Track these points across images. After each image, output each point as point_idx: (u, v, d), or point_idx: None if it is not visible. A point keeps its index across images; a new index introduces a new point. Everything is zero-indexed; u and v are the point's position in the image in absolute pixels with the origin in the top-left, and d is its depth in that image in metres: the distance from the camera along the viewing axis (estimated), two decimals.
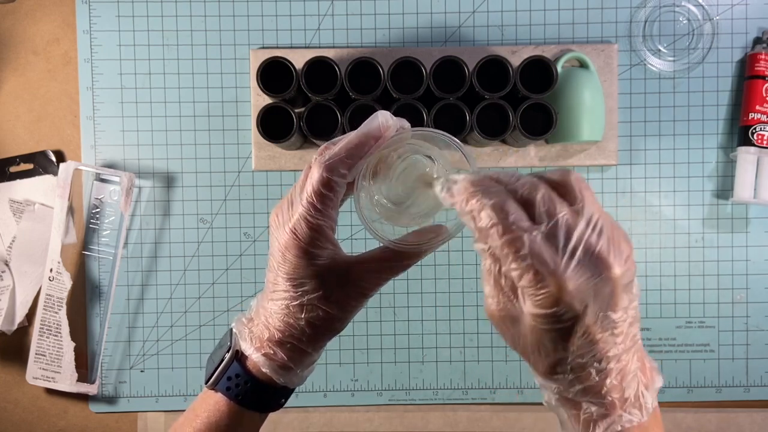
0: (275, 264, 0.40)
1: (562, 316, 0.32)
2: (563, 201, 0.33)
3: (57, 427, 0.74)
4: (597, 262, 0.31)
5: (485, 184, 0.33)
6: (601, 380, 0.33)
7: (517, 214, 0.32)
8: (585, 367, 0.33)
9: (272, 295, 0.41)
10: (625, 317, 0.33)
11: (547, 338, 0.33)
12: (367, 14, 0.72)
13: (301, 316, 0.40)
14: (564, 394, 0.35)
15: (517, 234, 0.31)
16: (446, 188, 0.34)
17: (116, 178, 0.71)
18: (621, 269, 0.32)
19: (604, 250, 0.31)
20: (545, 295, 0.31)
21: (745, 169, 0.70)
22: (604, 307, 0.32)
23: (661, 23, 0.72)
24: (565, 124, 0.67)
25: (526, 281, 0.31)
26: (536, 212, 0.32)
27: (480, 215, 0.32)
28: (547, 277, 0.31)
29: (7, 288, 0.72)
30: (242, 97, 0.72)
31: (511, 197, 0.32)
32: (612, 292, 0.32)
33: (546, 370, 0.35)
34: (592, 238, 0.31)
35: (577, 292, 0.31)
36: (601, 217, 0.32)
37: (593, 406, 0.34)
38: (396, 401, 0.74)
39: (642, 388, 0.34)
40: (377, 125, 0.38)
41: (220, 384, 0.42)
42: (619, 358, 0.33)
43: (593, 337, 0.32)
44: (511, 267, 0.32)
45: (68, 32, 0.73)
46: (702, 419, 0.73)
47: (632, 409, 0.34)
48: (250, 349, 0.41)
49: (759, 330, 0.73)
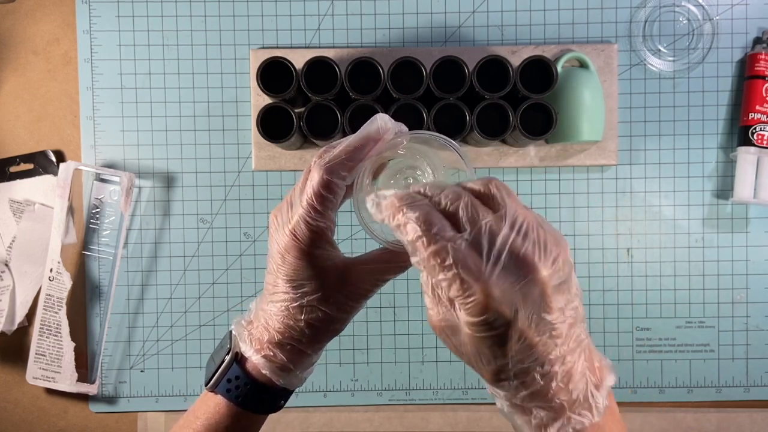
0: (275, 266, 0.40)
1: (493, 323, 0.31)
2: (486, 208, 0.33)
3: (57, 427, 0.74)
4: (522, 265, 0.31)
5: (410, 197, 0.33)
6: (546, 384, 0.33)
7: (440, 225, 0.32)
8: (528, 371, 0.33)
9: (272, 297, 0.41)
10: (562, 318, 0.32)
11: (484, 346, 0.33)
12: (367, 14, 0.72)
13: (300, 318, 0.40)
14: (513, 401, 0.34)
15: (441, 244, 0.31)
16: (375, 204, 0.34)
17: (116, 178, 0.71)
18: (548, 270, 0.31)
19: (529, 253, 0.31)
20: (473, 303, 0.31)
21: (745, 169, 0.70)
22: (536, 310, 0.32)
23: (661, 23, 0.72)
24: (565, 124, 0.67)
25: (454, 291, 0.31)
26: (460, 221, 0.32)
27: (406, 228, 0.32)
28: (473, 285, 0.31)
29: (7, 288, 0.72)
30: (242, 97, 0.72)
31: (434, 209, 0.33)
32: (542, 294, 0.31)
33: (491, 378, 0.34)
34: (516, 242, 0.31)
35: (504, 297, 0.31)
36: (526, 220, 0.32)
37: (542, 411, 0.33)
38: (396, 401, 0.74)
39: (591, 388, 0.34)
40: (376, 128, 0.38)
41: (220, 386, 0.42)
42: (563, 360, 0.33)
43: (530, 341, 0.32)
44: (439, 278, 0.32)
45: (68, 32, 0.73)
46: (702, 419, 0.73)
47: (582, 411, 0.33)
48: (250, 351, 0.41)
49: (759, 330, 0.73)
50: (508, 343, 0.32)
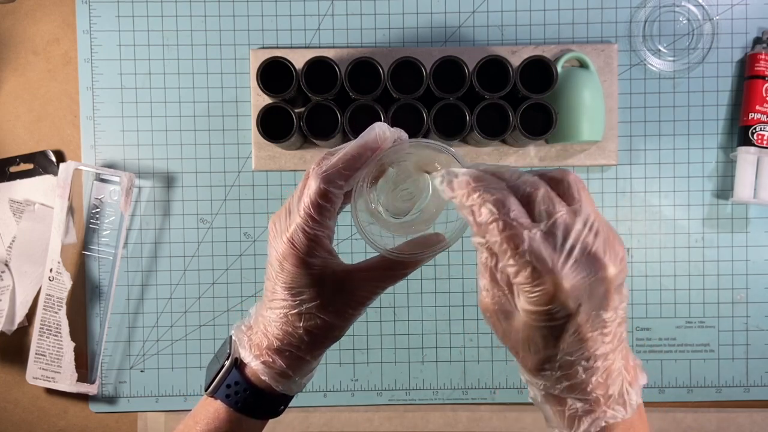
0: (273, 273, 0.40)
1: (555, 314, 0.32)
2: (562, 201, 0.33)
3: (57, 427, 0.74)
4: (593, 262, 0.32)
5: (486, 179, 0.33)
6: (587, 377, 0.34)
7: (517, 211, 0.32)
8: (573, 364, 0.34)
9: (270, 303, 0.41)
10: (614, 317, 0.33)
11: (538, 335, 0.33)
12: (367, 14, 0.72)
13: (299, 325, 0.40)
14: (550, 391, 0.35)
15: (517, 230, 0.31)
16: (447, 181, 0.34)
17: (116, 178, 0.71)
18: (616, 270, 0.32)
19: (600, 251, 0.32)
20: (541, 293, 0.31)
21: (745, 169, 0.70)
22: (596, 307, 0.32)
23: (661, 23, 0.72)
24: (565, 124, 0.67)
25: (522, 278, 0.32)
26: (536, 210, 0.32)
27: (481, 210, 0.32)
28: (544, 275, 0.31)
29: (7, 288, 0.72)
30: (242, 97, 0.72)
31: (512, 194, 0.33)
32: (605, 292, 0.32)
33: (534, 367, 0.35)
34: (589, 238, 0.32)
35: (573, 291, 0.31)
36: (597, 218, 0.32)
37: (578, 403, 0.34)
38: (396, 401, 0.74)
39: (626, 386, 0.35)
40: (374, 136, 0.38)
41: (220, 391, 0.42)
42: (606, 356, 0.34)
43: (583, 336, 0.33)
44: (508, 263, 0.32)
45: (68, 32, 0.73)
46: (702, 419, 0.73)
47: (616, 406, 0.34)
48: (249, 357, 0.41)
49: (759, 330, 0.73)
50: (564, 335, 0.33)
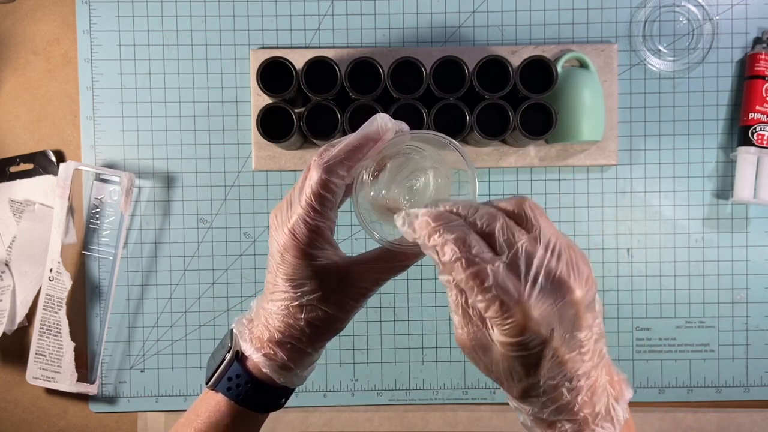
0: (274, 265, 0.40)
1: (530, 343, 0.32)
2: (521, 229, 0.33)
3: (57, 427, 0.74)
4: (559, 286, 0.32)
5: (445, 217, 0.33)
6: (572, 398, 0.34)
7: (479, 247, 0.32)
8: (557, 387, 0.34)
9: (272, 296, 0.41)
10: (590, 335, 0.33)
11: (518, 364, 0.33)
12: (367, 14, 0.72)
13: (300, 317, 0.40)
14: (538, 416, 0.35)
15: (480, 266, 0.32)
16: (407, 223, 0.34)
17: (116, 178, 0.71)
18: (582, 291, 0.32)
19: (565, 274, 0.32)
20: (512, 324, 0.32)
21: (745, 169, 0.70)
22: (569, 329, 0.32)
23: (661, 23, 0.72)
24: (565, 124, 0.67)
25: (492, 312, 0.32)
26: (497, 243, 0.32)
27: (443, 249, 0.32)
28: (512, 307, 0.31)
29: (7, 288, 0.72)
30: (242, 97, 0.72)
31: (470, 230, 0.33)
32: (576, 314, 0.32)
33: (520, 394, 0.35)
34: (552, 264, 0.32)
35: (543, 318, 0.31)
36: (558, 241, 0.33)
37: (567, 424, 0.34)
38: (396, 401, 0.74)
39: (612, 401, 0.35)
40: (376, 128, 0.38)
41: (221, 384, 0.42)
42: (588, 374, 0.34)
43: (562, 359, 0.33)
44: (477, 299, 0.32)
45: (68, 32, 0.73)
46: (702, 419, 0.73)
47: (604, 423, 0.34)
48: (251, 350, 0.42)
49: (759, 330, 0.73)
50: (542, 361, 0.33)
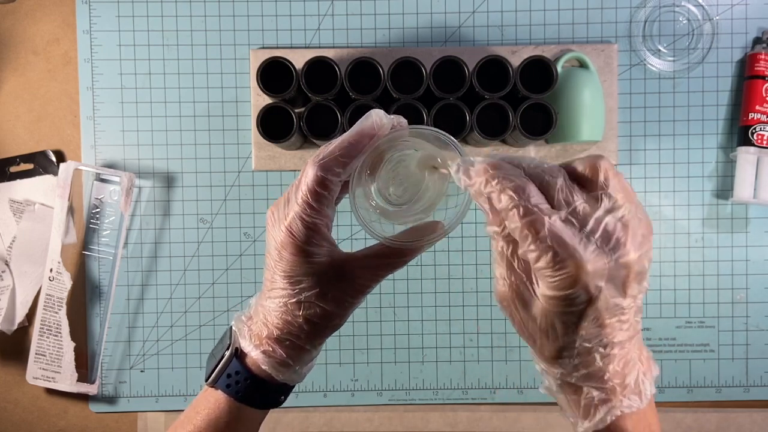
0: (272, 262, 0.40)
1: (576, 299, 0.32)
2: (582, 190, 0.33)
3: (57, 427, 0.74)
4: (614, 246, 0.32)
5: (504, 167, 0.33)
6: (604, 366, 0.34)
7: (537, 197, 0.32)
8: (590, 352, 0.34)
9: (270, 293, 0.41)
10: (632, 305, 0.33)
11: (558, 321, 0.33)
12: (367, 14, 0.72)
13: (299, 314, 0.40)
14: (566, 379, 0.35)
15: (537, 216, 0.31)
16: (463, 169, 0.34)
17: (116, 178, 0.71)
18: (636, 254, 0.32)
19: (621, 235, 0.32)
20: (563, 277, 0.31)
21: (745, 169, 0.70)
22: (615, 293, 0.32)
23: (661, 23, 0.72)
24: (565, 124, 0.67)
25: (543, 263, 0.32)
26: (555, 198, 0.32)
27: (500, 196, 0.32)
28: (565, 259, 0.31)
29: (7, 288, 0.72)
30: (242, 97, 0.72)
31: (530, 181, 0.33)
32: (625, 278, 0.32)
33: (552, 354, 0.35)
34: (609, 224, 0.32)
35: (595, 274, 0.31)
36: (623, 203, 0.32)
37: (595, 391, 0.35)
38: (396, 401, 0.74)
39: (641, 376, 0.35)
40: (371, 124, 0.38)
41: (220, 381, 0.42)
42: (623, 344, 0.34)
43: (602, 322, 0.33)
44: (529, 248, 0.32)
45: (68, 32, 0.73)
46: (702, 419, 0.73)
47: (632, 396, 0.35)
48: (250, 347, 0.42)
49: (759, 330, 0.73)
50: (583, 321, 0.33)
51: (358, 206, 0.39)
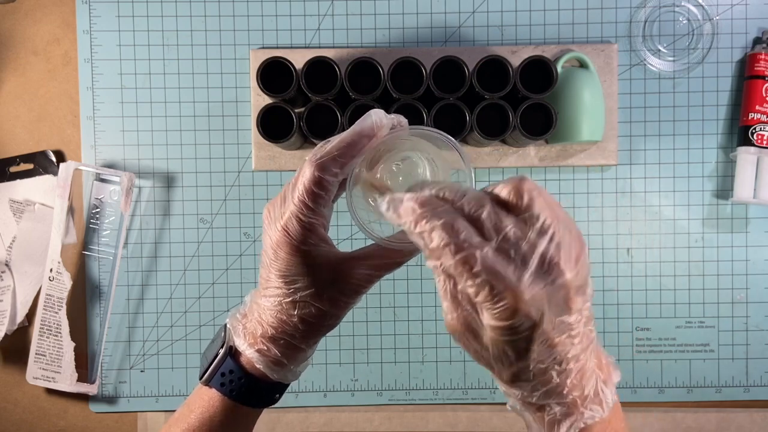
0: (267, 261, 0.40)
1: (520, 327, 0.32)
2: (509, 214, 0.33)
3: (57, 427, 0.74)
4: (549, 269, 0.31)
5: (431, 202, 0.33)
6: (561, 381, 0.34)
7: (467, 232, 0.32)
8: (546, 371, 0.33)
9: (265, 291, 0.41)
10: (580, 318, 0.33)
11: (508, 348, 0.33)
12: (367, 14, 0.72)
13: (293, 313, 0.40)
14: (527, 399, 0.35)
15: (469, 251, 0.31)
16: (392, 208, 0.34)
17: (116, 178, 0.71)
18: (572, 273, 0.32)
19: (555, 256, 0.31)
20: (502, 308, 0.31)
21: (745, 169, 0.70)
22: (559, 312, 0.32)
23: (661, 23, 0.72)
24: (565, 124, 0.67)
25: (482, 297, 0.31)
26: (484, 228, 0.32)
27: (431, 236, 0.32)
28: (502, 291, 0.31)
29: (8, 288, 0.72)
30: (242, 97, 0.72)
31: (459, 215, 0.32)
32: (566, 297, 0.32)
33: (510, 379, 0.35)
34: (541, 246, 0.31)
35: (533, 301, 0.31)
36: (551, 222, 0.32)
37: (556, 407, 0.35)
38: (396, 401, 0.74)
39: (601, 385, 0.35)
40: (370, 124, 0.37)
41: (214, 380, 0.42)
42: (577, 357, 0.34)
43: (552, 342, 0.33)
44: (467, 284, 0.32)
45: (68, 32, 0.73)
46: (702, 419, 0.73)
47: (593, 406, 0.34)
48: (244, 345, 0.41)
49: (759, 330, 0.73)
50: (532, 345, 0.33)
51: (355, 206, 0.39)
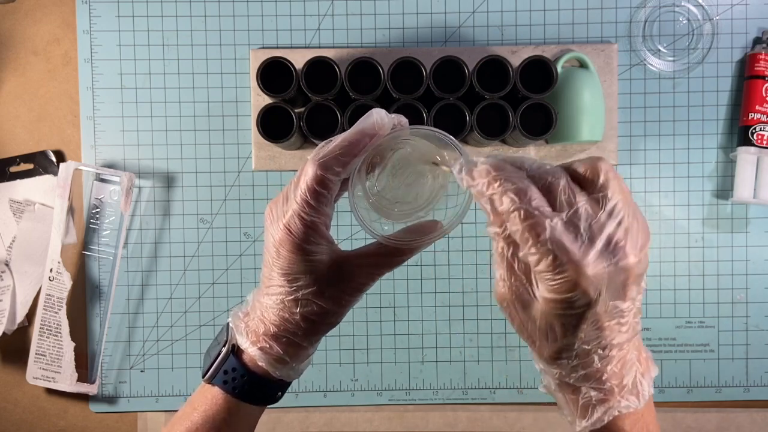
0: (270, 259, 0.40)
1: (576, 302, 0.32)
2: (583, 191, 0.33)
3: (57, 427, 0.74)
4: (614, 250, 0.32)
5: (506, 168, 0.33)
6: (602, 366, 0.34)
7: (539, 200, 0.32)
8: (589, 353, 0.34)
9: (267, 290, 0.41)
10: (631, 307, 0.34)
11: (557, 323, 0.34)
12: (367, 14, 0.72)
13: (296, 311, 0.40)
14: (565, 379, 0.36)
15: (538, 219, 0.32)
16: (467, 170, 0.34)
17: (116, 178, 0.71)
18: (636, 259, 0.32)
19: (622, 240, 0.32)
20: (563, 280, 0.32)
21: (745, 169, 0.70)
22: (615, 296, 0.33)
23: (661, 23, 0.72)
24: (565, 124, 0.67)
25: (543, 266, 0.32)
26: (557, 200, 0.33)
27: (502, 199, 0.32)
28: (565, 263, 0.31)
29: (8, 288, 0.72)
30: (242, 97, 0.72)
31: (532, 184, 0.33)
32: (625, 282, 0.32)
33: (551, 355, 0.35)
34: (610, 227, 0.32)
35: (594, 279, 0.31)
36: (623, 206, 0.32)
37: (592, 391, 0.35)
38: (396, 401, 0.74)
39: (639, 376, 0.35)
40: (372, 123, 0.38)
41: (217, 378, 0.42)
42: (621, 346, 0.34)
43: (601, 325, 0.33)
44: (530, 251, 0.32)
45: (68, 32, 0.73)
46: (702, 419, 0.73)
47: (630, 396, 0.35)
48: (246, 343, 0.42)
49: (759, 330, 0.73)
50: (582, 323, 0.33)
51: (358, 205, 0.39)
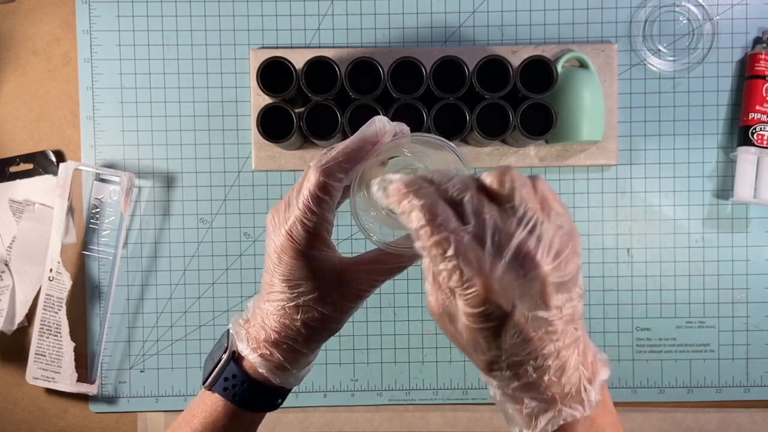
0: (271, 265, 0.40)
1: (490, 315, 0.32)
2: (492, 202, 0.33)
3: (57, 427, 0.74)
4: (524, 261, 0.31)
5: (418, 184, 0.33)
6: (538, 377, 0.33)
7: (444, 215, 0.32)
8: (521, 364, 0.33)
9: (268, 296, 0.41)
10: (560, 315, 0.33)
11: (480, 336, 0.33)
12: (367, 14, 0.72)
13: (296, 318, 0.40)
14: (505, 390, 0.35)
15: (443, 235, 0.31)
16: (382, 188, 0.34)
17: (116, 178, 0.71)
18: (549, 267, 0.31)
19: (532, 249, 0.31)
20: (472, 295, 0.31)
21: (745, 169, 0.70)
22: (533, 306, 0.32)
23: (661, 23, 0.72)
24: (565, 124, 0.67)
25: (453, 281, 0.32)
26: (465, 213, 0.32)
27: (410, 216, 0.32)
28: (472, 277, 0.31)
29: (7, 288, 0.72)
30: (242, 97, 0.72)
31: (440, 198, 0.33)
32: (541, 291, 0.32)
33: (484, 367, 0.35)
34: (520, 237, 0.31)
35: (503, 292, 0.31)
36: (534, 215, 0.32)
37: (533, 401, 0.34)
38: (396, 401, 0.74)
39: (584, 382, 0.34)
40: (374, 130, 0.38)
41: (217, 385, 0.42)
42: (557, 354, 0.33)
43: (526, 336, 0.32)
44: (439, 268, 0.32)
45: (68, 32, 0.73)
46: (702, 419, 0.73)
47: (574, 404, 0.34)
48: (247, 350, 0.42)
49: (759, 330, 0.73)
50: (504, 336, 0.32)
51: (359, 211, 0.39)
